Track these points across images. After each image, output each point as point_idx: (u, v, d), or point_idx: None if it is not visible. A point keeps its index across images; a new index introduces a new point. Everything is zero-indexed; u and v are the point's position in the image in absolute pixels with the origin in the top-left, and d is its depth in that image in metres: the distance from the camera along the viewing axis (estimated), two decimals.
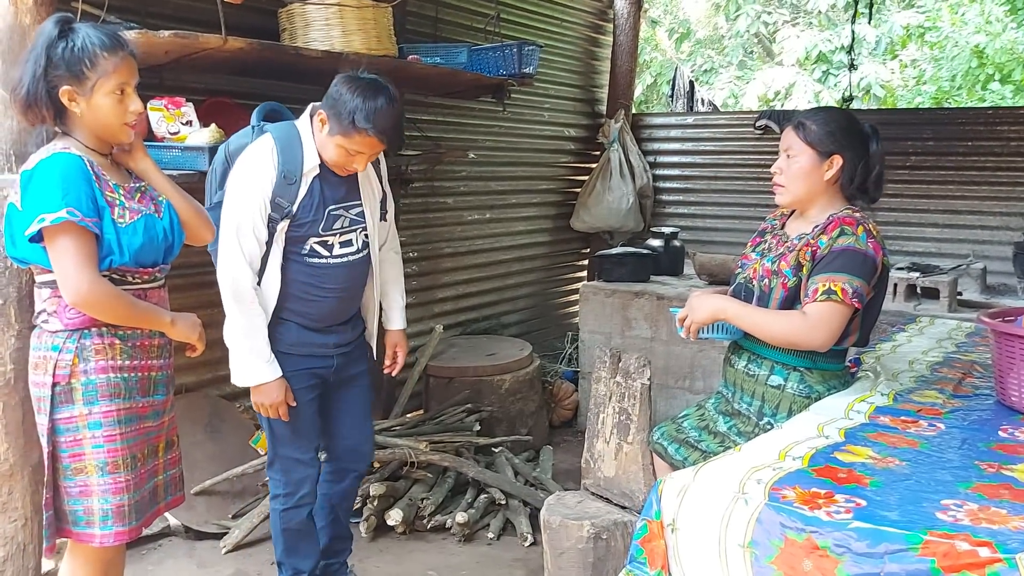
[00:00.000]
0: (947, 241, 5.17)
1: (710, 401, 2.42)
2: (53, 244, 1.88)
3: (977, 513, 1.40)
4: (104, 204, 1.95)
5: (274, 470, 2.66)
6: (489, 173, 5.44)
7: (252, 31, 3.03)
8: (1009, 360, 2.00)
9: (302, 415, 2.60)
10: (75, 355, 1.96)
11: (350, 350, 2.68)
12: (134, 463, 2.04)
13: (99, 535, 2.01)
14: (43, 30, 1.93)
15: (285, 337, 2.53)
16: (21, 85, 1.91)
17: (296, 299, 2.50)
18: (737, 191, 5.96)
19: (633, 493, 2.46)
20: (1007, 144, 5.03)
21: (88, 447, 1.98)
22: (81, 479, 1.99)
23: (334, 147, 2.39)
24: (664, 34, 12.11)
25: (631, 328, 4.67)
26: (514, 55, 3.97)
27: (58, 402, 1.97)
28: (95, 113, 1.95)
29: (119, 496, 2.00)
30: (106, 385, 1.99)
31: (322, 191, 2.45)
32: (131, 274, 2.02)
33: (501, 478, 3.66)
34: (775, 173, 2.24)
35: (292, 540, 2.69)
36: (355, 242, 2.56)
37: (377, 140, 2.35)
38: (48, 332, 1.99)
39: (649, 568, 1.58)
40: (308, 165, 2.42)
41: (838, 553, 1.33)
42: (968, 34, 10.50)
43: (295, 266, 2.48)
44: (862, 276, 2.04)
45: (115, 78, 1.94)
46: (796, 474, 1.56)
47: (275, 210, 2.39)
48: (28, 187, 1.89)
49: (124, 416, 2.02)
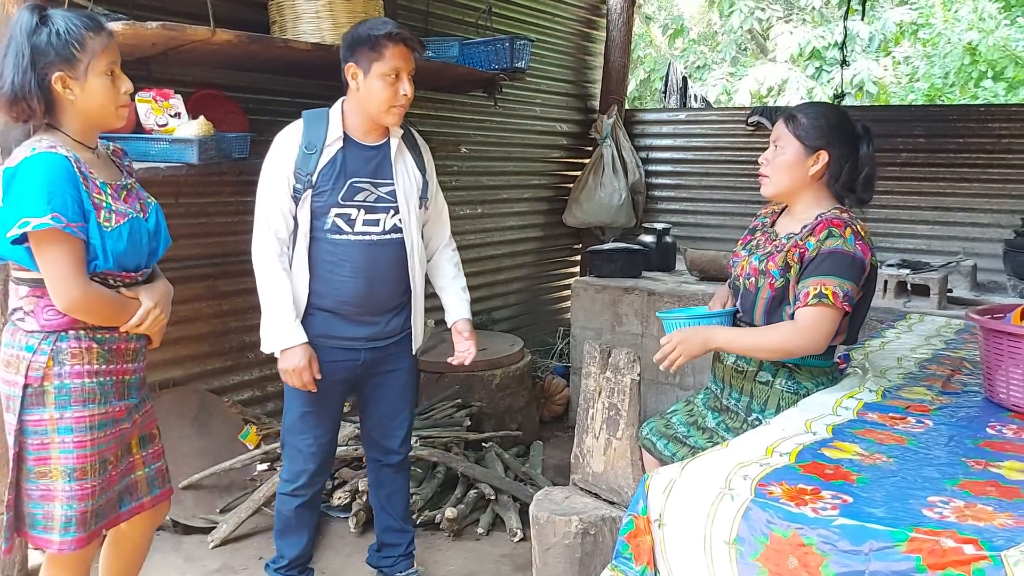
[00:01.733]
0: (938, 238, 5.18)
1: (699, 397, 2.42)
2: (40, 250, 1.85)
3: (963, 510, 1.39)
4: (90, 207, 1.89)
5: (283, 453, 2.72)
6: (481, 168, 5.43)
7: (241, 23, 3.02)
8: (997, 357, 2.00)
9: (316, 408, 2.61)
10: (50, 357, 1.91)
11: (384, 345, 2.66)
12: (104, 467, 2.00)
13: (58, 541, 1.95)
14: (19, 20, 1.86)
15: (311, 328, 2.54)
16: (3, 80, 1.84)
17: (321, 280, 2.53)
18: (729, 187, 5.96)
19: (622, 488, 2.45)
20: (998, 142, 5.04)
21: (56, 452, 1.93)
22: (44, 483, 1.94)
23: (377, 84, 2.42)
24: (658, 30, 12.10)
25: (622, 324, 4.67)
26: (506, 49, 3.96)
27: (28, 403, 1.91)
28: (90, 97, 1.90)
29: (84, 502, 1.95)
30: (80, 390, 1.94)
31: (344, 161, 2.50)
32: (113, 277, 1.98)
33: (490, 473, 3.65)
34: (761, 163, 2.24)
35: (282, 523, 2.73)
36: (383, 223, 2.55)
37: (404, 45, 2.43)
38: (23, 331, 1.94)
39: (635, 564, 1.57)
40: (331, 136, 2.49)
41: (824, 550, 1.33)
42: (961, 31, 10.52)
43: (319, 245, 2.52)
44: (851, 278, 2.04)
45: (105, 57, 1.90)
46: (783, 470, 1.56)
47: (298, 180, 2.46)
48: (11, 186, 1.84)
49: (98, 421, 1.97)
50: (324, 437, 2.68)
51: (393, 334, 2.67)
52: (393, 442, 2.79)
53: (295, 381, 2.50)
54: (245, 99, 3.68)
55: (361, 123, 2.52)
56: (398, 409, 2.77)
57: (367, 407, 2.78)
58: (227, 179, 3.62)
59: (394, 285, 2.62)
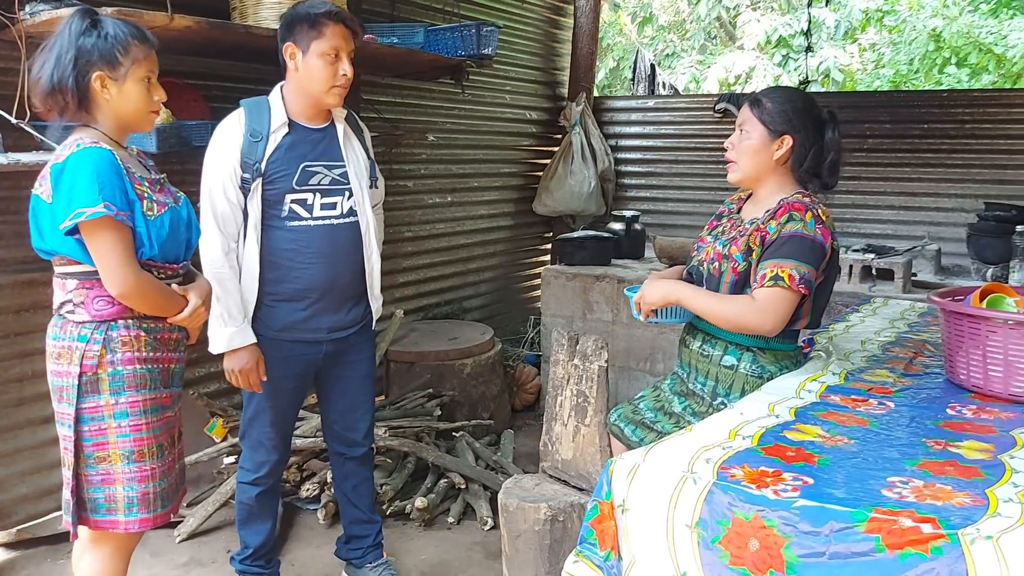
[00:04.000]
0: (903, 223, 5.23)
1: (666, 382, 2.42)
2: (93, 239, 1.92)
3: (922, 490, 1.40)
4: (134, 197, 1.98)
5: (243, 442, 2.69)
6: (450, 156, 5.39)
7: (201, 9, 2.96)
8: (958, 338, 2.03)
9: (278, 401, 2.59)
10: (102, 346, 1.99)
11: (346, 336, 2.64)
12: (161, 451, 2.09)
13: (123, 521, 2.05)
14: (71, 22, 1.97)
15: (272, 321, 2.52)
16: (43, 72, 1.95)
17: (280, 268, 2.49)
18: (697, 175, 5.98)
19: (590, 475, 2.46)
20: (961, 127, 5.10)
21: (113, 436, 2.02)
22: (104, 467, 2.02)
23: (316, 64, 2.41)
24: (627, 18, 12.10)
25: (592, 311, 4.67)
26: (472, 36, 3.93)
27: (84, 392, 1.99)
28: (125, 99, 2.01)
29: (144, 484, 2.05)
30: (132, 376, 2.02)
31: (293, 146, 2.47)
32: (157, 269, 2.05)
33: (461, 462, 3.64)
34: (727, 147, 2.24)
35: (244, 513, 2.72)
36: (340, 206, 2.54)
37: (344, 25, 2.42)
38: (73, 323, 2.00)
39: (599, 549, 1.57)
40: (276, 122, 2.46)
41: (784, 532, 1.33)
42: (926, 18, 10.62)
43: (277, 233, 2.48)
44: (809, 262, 2.04)
45: (146, 65, 2.02)
46: (745, 453, 1.56)
47: (245, 170, 2.42)
48: (60, 181, 1.91)
49: (150, 406, 2.06)
50: (286, 428, 2.68)
51: (354, 323, 2.65)
52: (357, 434, 2.78)
53: (241, 382, 2.48)
54: (206, 86, 3.62)
55: (303, 107, 2.50)
56: (360, 400, 2.75)
57: (328, 400, 2.76)
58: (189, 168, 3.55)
59: (354, 269, 2.61)
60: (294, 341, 2.56)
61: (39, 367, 3.10)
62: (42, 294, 3.10)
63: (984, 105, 5.11)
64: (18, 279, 3.05)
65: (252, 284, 2.49)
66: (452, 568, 3.09)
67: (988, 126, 5.02)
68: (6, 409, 3.06)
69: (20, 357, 3.09)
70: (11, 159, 2.62)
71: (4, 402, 3.04)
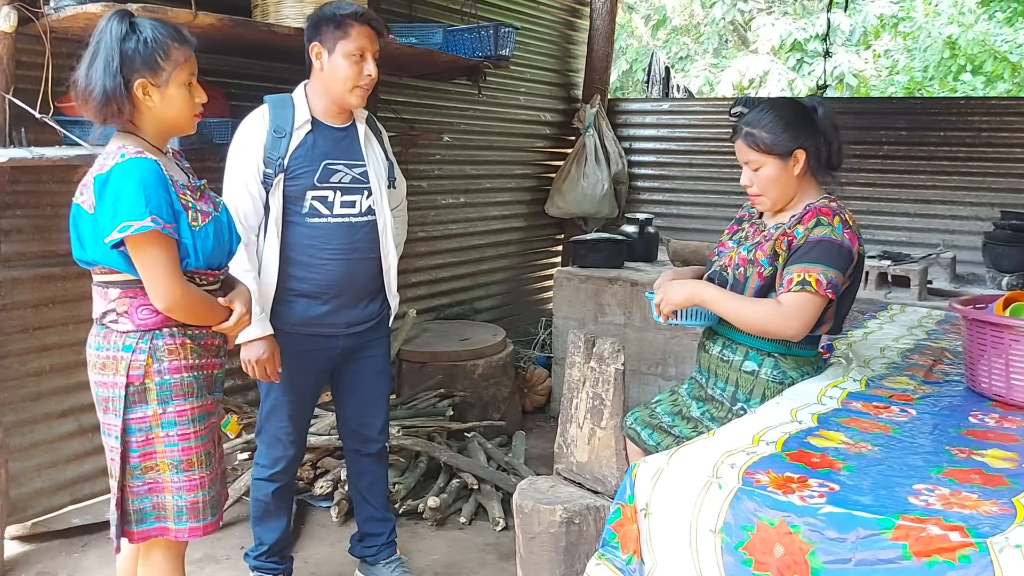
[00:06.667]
0: (918, 230, 5.21)
1: (683, 387, 2.42)
2: (140, 253, 1.88)
3: (948, 498, 1.40)
4: (180, 208, 1.95)
5: (259, 439, 2.70)
6: (464, 157, 5.40)
7: (223, 7, 2.97)
8: (980, 347, 2.02)
9: (295, 396, 2.60)
10: (148, 355, 1.95)
11: (363, 331, 2.66)
12: (208, 459, 2.06)
13: (174, 529, 2.02)
14: (109, 26, 1.92)
15: (290, 316, 2.54)
16: (94, 83, 1.89)
17: (299, 265, 2.51)
18: (712, 178, 5.96)
19: (606, 478, 2.45)
20: (978, 135, 5.07)
21: (160, 446, 1.99)
22: (151, 476, 2.00)
23: (342, 64, 2.43)
24: (640, 21, 12.09)
25: (604, 314, 4.67)
26: (490, 37, 3.93)
27: (131, 402, 1.96)
28: (168, 105, 1.97)
29: (193, 493, 2.02)
30: (179, 385, 1.99)
31: (315, 144, 2.49)
32: (200, 276, 2.03)
33: (473, 463, 3.64)
34: (746, 186, 2.23)
35: (259, 510, 2.73)
36: (359, 205, 2.56)
37: (369, 26, 2.45)
38: (118, 332, 1.97)
39: (621, 552, 1.57)
40: (300, 119, 2.48)
41: (810, 538, 1.33)
42: (941, 25, 10.59)
43: (297, 228, 2.50)
44: (837, 267, 2.04)
45: (187, 68, 1.98)
46: (770, 459, 1.56)
47: (268, 165, 2.45)
48: (104, 191, 1.87)
49: (198, 414, 2.03)
50: (302, 424, 2.70)
51: (370, 319, 2.67)
52: (372, 430, 2.78)
53: (257, 373, 2.49)
54: (227, 84, 3.62)
55: (326, 106, 2.52)
56: (375, 396, 2.77)
57: (343, 396, 2.77)
58: (209, 165, 3.56)
59: (371, 267, 2.63)
60: (311, 336, 2.57)
61: (56, 362, 3.14)
62: (60, 289, 3.13)
63: (1002, 113, 5.09)
64: (37, 273, 3.06)
65: (271, 279, 2.51)
66: (465, 568, 3.09)
67: (1006, 134, 5.00)
68: (24, 403, 3.07)
69: (38, 351, 3.10)
70: (35, 154, 2.63)
71: (22, 396, 3.05)
